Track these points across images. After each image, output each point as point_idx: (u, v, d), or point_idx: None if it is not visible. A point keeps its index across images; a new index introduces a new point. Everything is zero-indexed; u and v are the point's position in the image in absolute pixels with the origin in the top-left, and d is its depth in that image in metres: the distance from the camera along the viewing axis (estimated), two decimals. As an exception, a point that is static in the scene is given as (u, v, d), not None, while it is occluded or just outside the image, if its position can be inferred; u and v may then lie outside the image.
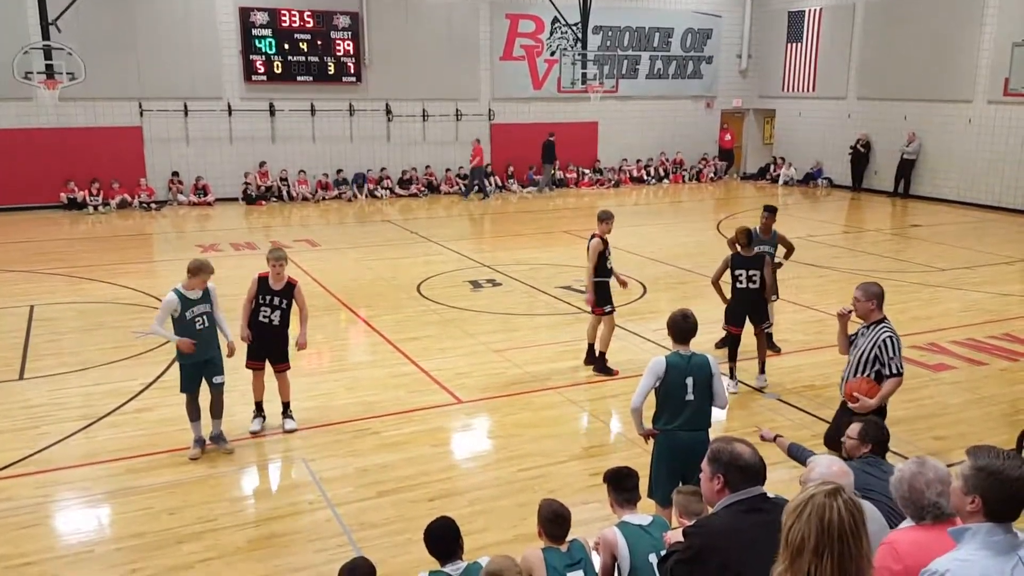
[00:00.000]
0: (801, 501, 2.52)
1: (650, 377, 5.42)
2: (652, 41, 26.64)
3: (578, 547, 4.13)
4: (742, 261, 8.82)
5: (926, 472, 3.33)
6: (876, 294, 5.87)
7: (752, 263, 8.80)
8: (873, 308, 5.87)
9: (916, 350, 10.15)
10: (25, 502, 6.54)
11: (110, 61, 20.22)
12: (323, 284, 13.43)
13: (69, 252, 16.17)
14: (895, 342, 5.79)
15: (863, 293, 5.89)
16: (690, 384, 5.37)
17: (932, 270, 14.59)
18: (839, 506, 2.47)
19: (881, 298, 5.89)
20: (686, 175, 27.43)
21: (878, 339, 5.80)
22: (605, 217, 9.24)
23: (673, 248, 16.53)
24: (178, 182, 21.88)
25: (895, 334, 5.84)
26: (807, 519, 2.47)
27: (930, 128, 22.63)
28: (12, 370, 9.50)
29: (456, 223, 20.27)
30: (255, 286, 7.77)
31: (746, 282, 8.81)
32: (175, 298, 7.28)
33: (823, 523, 2.45)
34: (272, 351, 7.85)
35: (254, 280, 7.80)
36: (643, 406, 5.50)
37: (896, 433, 7.66)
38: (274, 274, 7.72)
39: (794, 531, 2.49)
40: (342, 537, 6.02)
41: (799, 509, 2.51)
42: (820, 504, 2.48)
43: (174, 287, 7.41)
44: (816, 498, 2.50)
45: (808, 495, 2.52)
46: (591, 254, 9.17)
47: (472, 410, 8.42)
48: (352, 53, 22.82)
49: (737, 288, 8.88)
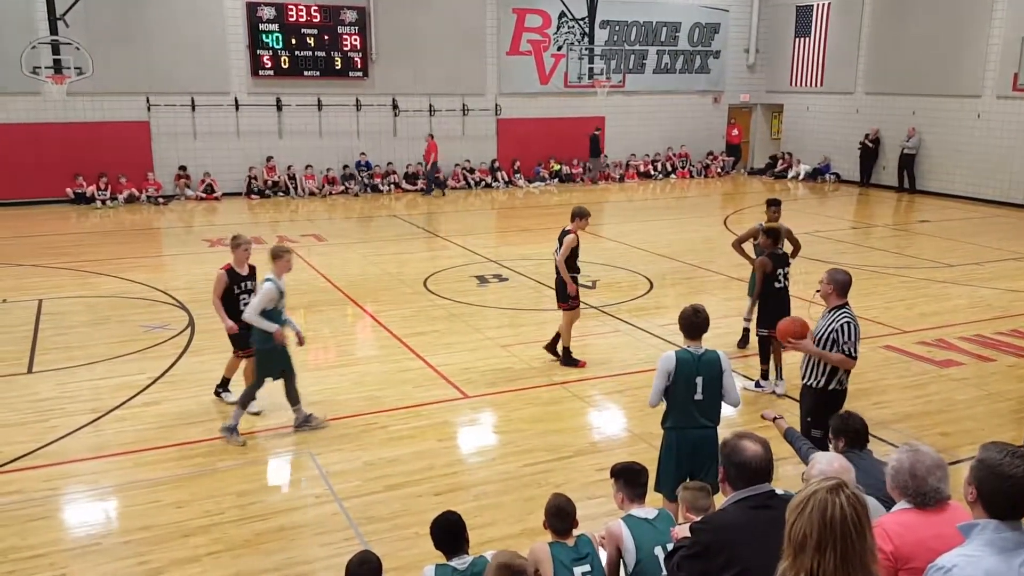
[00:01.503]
0: (803, 498, 2.52)
1: (662, 374, 5.38)
2: (659, 35, 26.57)
3: (585, 542, 4.13)
4: (780, 260, 8.62)
5: (924, 459, 3.38)
6: (839, 281, 6.02)
7: (784, 260, 8.68)
8: (831, 292, 6.01)
9: (923, 346, 10.13)
10: (34, 495, 6.57)
11: (118, 56, 20.26)
12: (329, 279, 13.45)
13: (77, 246, 16.22)
14: (852, 328, 5.90)
15: (828, 277, 6.08)
16: (699, 383, 5.33)
17: (940, 266, 14.54)
18: (841, 501, 2.47)
19: (843, 285, 6.03)
20: (693, 170, 27.37)
21: (836, 323, 5.92)
22: (583, 214, 9.14)
23: (680, 243, 16.51)
24: (185, 177, 21.93)
25: (854, 321, 5.94)
26: (809, 515, 2.47)
27: (939, 123, 22.54)
28: (21, 364, 9.54)
29: (462, 218, 20.27)
30: (226, 278, 7.86)
31: (784, 280, 8.62)
32: (274, 287, 7.38)
33: (825, 518, 2.45)
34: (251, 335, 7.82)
35: (222, 274, 7.88)
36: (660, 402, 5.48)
37: (903, 429, 7.68)
38: (243, 260, 7.93)
39: (796, 527, 2.49)
40: (349, 531, 6.04)
41: (801, 505, 2.51)
42: (822, 500, 2.48)
43: (268, 277, 7.48)
44: (818, 494, 2.49)
45: (810, 491, 2.52)
46: (565, 248, 9.07)
47: (478, 405, 8.43)
48: (359, 48, 22.81)
49: (776, 288, 8.58)
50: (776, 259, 8.59)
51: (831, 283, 6.03)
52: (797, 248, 9.66)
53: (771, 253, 8.63)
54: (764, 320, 8.60)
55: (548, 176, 25.52)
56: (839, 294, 6.01)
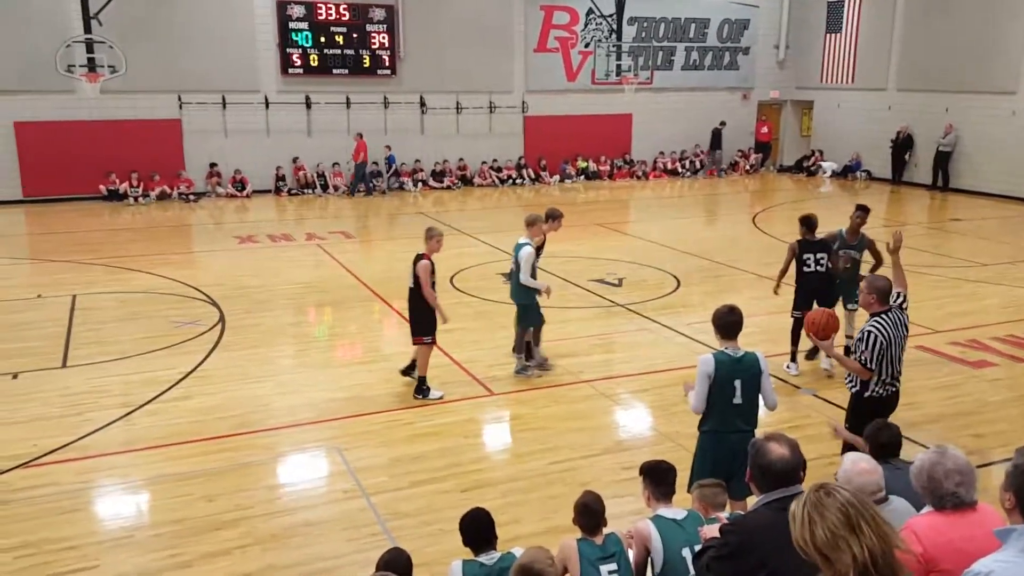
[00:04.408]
0: (802, 508, 2.44)
1: (703, 378, 5.24)
2: (688, 32, 26.39)
3: (613, 540, 4.12)
4: (809, 246, 8.99)
5: (945, 462, 3.32)
6: (880, 288, 5.81)
7: (820, 247, 8.98)
8: (874, 302, 5.81)
9: (956, 346, 9.98)
10: (67, 487, 6.68)
11: (150, 54, 20.50)
12: (357, 276, 13.53)
13: (109, 243, 16.45)
14: (873, 338, 5.68)
15: (867, 286, 5.87)
16: (738, 386, 5.23)
17: (973, 265, 14.31)
18: (831, 488, 2.42)
19: (884, 293, 5.81)
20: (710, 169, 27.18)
21: (864, 329, 5.78)
22: (555, 216, 9.31)
23: (707, 241, 16.40)
24: (216, 174, 22.16)
25: (882, 332, 5.69)
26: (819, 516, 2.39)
27: (973, 120, 22.17)
28: (55, 358, 9.70)
29: (489, 216, 20.29)
30: (431, 266, 8.33)
31: (814, 265, 8.95)
32: (532, 248, 8.67)
33: (837, 503, 2.37)
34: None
35: (428, 263, 8.29)
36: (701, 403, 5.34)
37: (934, 430, 7.57)
38: (436, 249, 8.46)
39: (818, 535, 2.38)
40: (375, 526, 6.07)
41: (804, 519, 2.42)
42: (813, 500, 2.42)
43: (524, 241, 8.73)
44: (808, 497, 2.44)
45: (797, 506, 2.46)
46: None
47: (504, 402, 8.43)
48: (387, 46, 22.90)
49: (806, 272, 8.99)
50: (803, 245, 8.99)
51: (872, 291, 5.79)
52: (878, 262, 9.03)
53: (801, 240, 9.02)
54: (796, 302, 9.08)
55: (575, 173, 25.47)
56: (881, 301, 5.79)
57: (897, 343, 5.79)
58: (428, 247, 8.39)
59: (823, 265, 8.94)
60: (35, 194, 20.58)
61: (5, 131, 20.17)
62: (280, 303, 12.11)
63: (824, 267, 8.94)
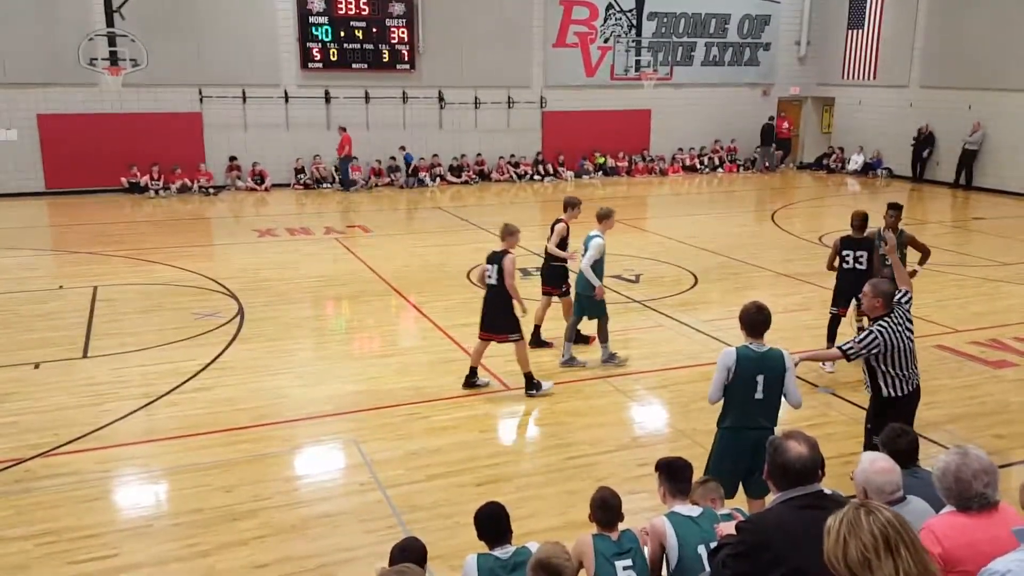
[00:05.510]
0: (837, 525, 2.42)
1: (721, 370, 5.26)
2: (708, 27, 26.25)
3: (629, 537, 4.13)
4: (851, 243, 9.03)
5: (970, 463, 3.29)
6: (885, 292, 5.78)
7: (861, 245, 8.98)
8: (879, 306, 5.76)
9: (976, 346, 9.89)
10: (88, 476, 6.76)
11: (171, 48, 20.63)
12: (375, 269, 13.58)
13: (130, 235, 16.60)
14: (872, 340, 5.66)
15: (872, 289, 5.83)
16: (760, 381, 5.20)
17: (995, 264, 14.17)
18: (872, 507, 2.41)
19: (890, 297, 5.78)
20: (741, 164, 27.03)
21: (869, 328, 5.81)
22: (574, 204, 9.83)
23: (726, 238, 16.31)
24: (236, 167, 22.29)
25: (881, 335, 5.65)
26: (854, 534, 2.38)
27: (996, 118, 21.92)
28: (77, 348, 9.81)
29: (507, 211, 20.26)
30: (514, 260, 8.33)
31: (853, 263, 8.97)
32: (603, 242, 8.84)
33: (879, 523, 2.39)
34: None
35: (514, 257, 8.32)
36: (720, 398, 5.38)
37: (954, 430, 7.52)
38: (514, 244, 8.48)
39: (851, 554, 2.36)
40: (392, 519, 6.10)
41: (839, 536, 2.40)
42: (851, 517, 2.41)
43: (595, 233, 8.91)
44: (838, 516, 2.43)
45: (833, 521, 2.43)
46: (555, 236, 9.65)
47: (521, 397, 8.44)
48: (406, 41, 22.94)
49: (844, 268, 9.04)
50: (845, 242, 9.06)
51: (878, 295, 5.75)
52: (925, 255, 9.26)
53: (844, 236, 9.12)
54: (835, 298, 9.21)
55: (593, 169, 25.42)
56: (886, 305, 5.76)
57: (903, 345, 5.73)
58: (507, 243, 8.45)
59: (862, 263, 8.90)
60: (58, 186, 20.79)
61: (29, 124, 20.39)
62: (298, 296, 12.18)
63: (864, 265, 8.87)
